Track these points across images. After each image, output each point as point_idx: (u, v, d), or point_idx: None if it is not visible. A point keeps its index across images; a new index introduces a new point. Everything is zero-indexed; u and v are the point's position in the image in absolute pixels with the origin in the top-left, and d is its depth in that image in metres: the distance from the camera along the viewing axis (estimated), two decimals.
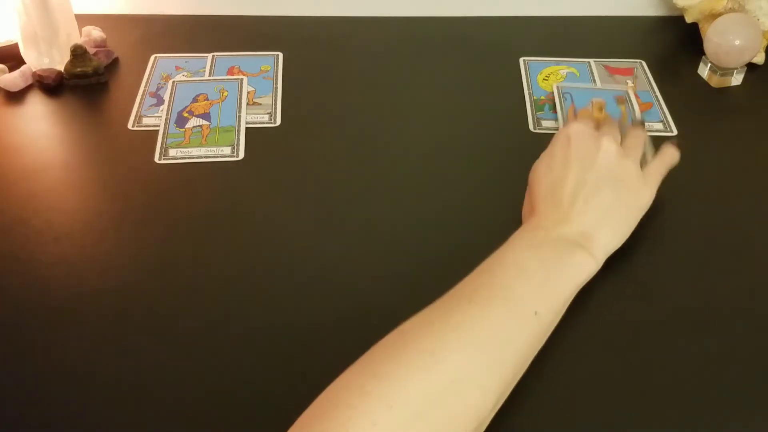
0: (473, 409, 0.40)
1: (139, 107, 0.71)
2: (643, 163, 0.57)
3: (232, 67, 0.76)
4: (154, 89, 0.73)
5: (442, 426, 0.39)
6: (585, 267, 0.49)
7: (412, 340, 0.41)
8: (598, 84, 0.75)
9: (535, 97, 0.73)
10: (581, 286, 0.49)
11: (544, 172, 0.55)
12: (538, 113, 0.71)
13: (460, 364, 0.40)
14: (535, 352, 0.45)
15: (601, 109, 0.68)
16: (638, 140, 0.58)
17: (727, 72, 0.74)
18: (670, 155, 0.59)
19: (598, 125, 0.59)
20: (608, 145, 0.54)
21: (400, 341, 0.42)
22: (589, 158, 0.54)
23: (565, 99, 0.72)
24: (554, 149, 0.56)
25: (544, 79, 0.75)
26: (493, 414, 0.42)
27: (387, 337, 0.42)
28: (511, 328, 0.43)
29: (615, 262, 0.56)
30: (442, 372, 0.40)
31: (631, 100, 0.72)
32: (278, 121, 0.70)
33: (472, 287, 0.46)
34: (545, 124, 0.70)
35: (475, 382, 0.41)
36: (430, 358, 0.40)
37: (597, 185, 0.52)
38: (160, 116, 0.69)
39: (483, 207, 0.61)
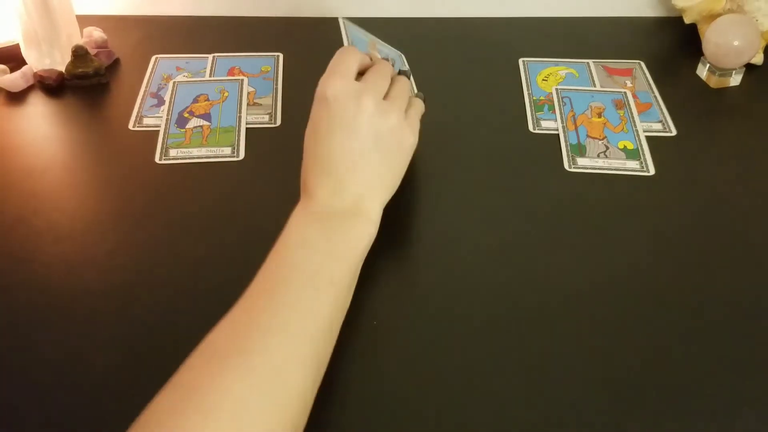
0: (296, 391, 0.41)
1: (139, 108, 0.71)
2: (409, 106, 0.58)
3: (233, 68, 0.77)
4: (154, 90, 0.74)
5: (268, 417, 0.39)
6: (365, 232, 0.51)
7: (218, 344, 0.41)
8: (597, 85, 0.75)
9: (534, 98, 0.73)
10: (368, 248, 0.52)
11: (311, 142, 0.54)
12: (537, 113, 0.71)
13: (270, 353, 0.41)
14: (340, 319, 0.47)
15: (599, 114, 0.68)
16: (402, 89, 0.59)
17: (725, 73, 0.75)
18: (420, 104, 0.61)
19: (361, 73, 0.58)
20: (368, 103, 0.53)
21: (208, 351, 0.41)
22: (351, 123, 0.53)
23: (564, 104, 0.72)
24: (316, 115, 0.54)
25: (543, 79, 0.76)
26: (314, 391, 0.43)
27: (195, 351, 0.41)
28: (313, 301, 0.45)
29: (615, 261, 0.56)
30: (255, 367, 0.40)
31: (629, 103, 0.72)
32: (278, 122, 0.70)
33: (266, 276, 0.46)
34: (545, 124, 0.70)
35: (291, 364, 0.41)
36: (239, 357, 0.40)
37: (362, 151, 0.53)
38: (161, 116, 0.70)
39: (482, 206, 0.61)
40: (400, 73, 0.63)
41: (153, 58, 0.78)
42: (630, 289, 0.54)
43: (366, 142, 0.53)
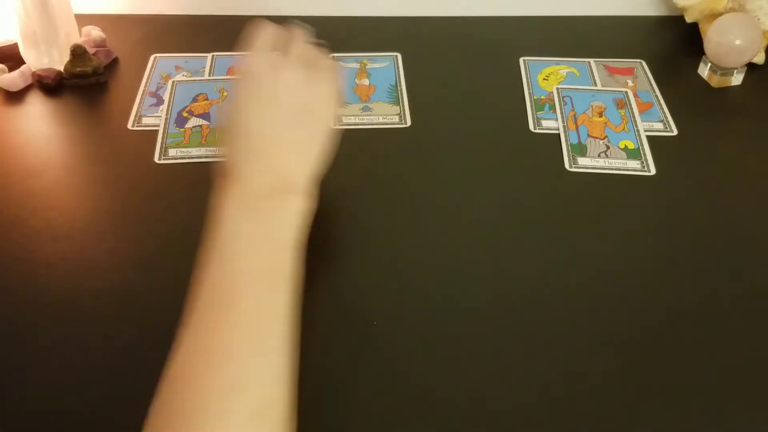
0: (280, 404, 0.40)
1: (138, 107, 0.71)
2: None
3: (232, 67, 0.76)
4: (153, 89, 0.73)
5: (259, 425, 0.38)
6: (297, 208, 0.48)
7: (198, 383, 0.39)
8: (599, 84, 0.75)
9: (535, 97, 0.73)
10: (306, 223, 0.49)
11: (231, 119, 0.51)
12: (538, 113, 0.71)
13: (238, 372, 0.40)
14: (297, 303, 0.45)
15: (600, 113, 0.68)
16: (302, 47, 0.56)
17: (727, 72, 0.74)
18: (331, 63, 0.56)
19: (280, 46, 0.55)
20: (286, 76, 0.52)
21: (176, 385, 0.40)
22: (269, 99, 0.51)
23: (565, 103, 0.71)
24: (235, 92, 0.52)
25: (544, 79, 0.75)
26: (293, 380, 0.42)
27: (163, 394, 0.40)
28: (272, 303, 0.43)
29: (616, 261, 0.56)
30: (243, 403, 0.39)
31: (630, 102, 0.72)
32: None
33: (212, 289, 0.43)
34: (545, 123, 0.70)
35: (274, 383, 0.40)
36: (226, 394, 0.39)
37: (280, 122, 0.50)
38: (160, 116, 0.69)
39: (482, 206, 0.61)
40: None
41: (152, 57, 0.78)
42: (630, 289, 0.54)
43: (285, 117, 0.51)
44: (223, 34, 0.82)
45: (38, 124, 0.69)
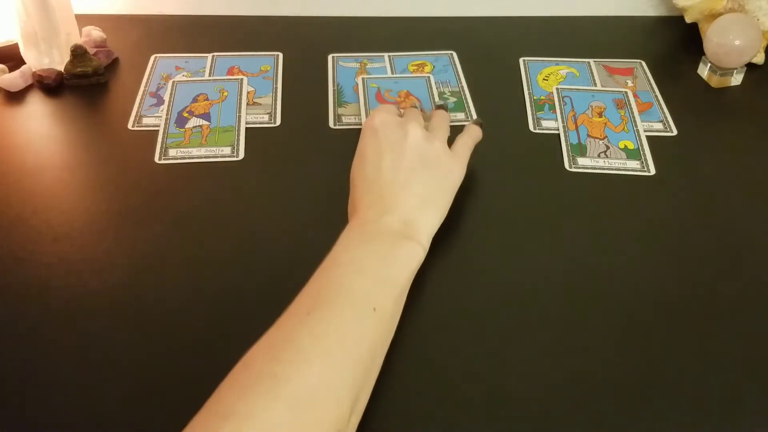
0: (330, 419, 0.39)
1: (139, 107, 0.71)
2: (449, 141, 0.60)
3: (232, 67, 0.76)
4: (154, 89, 0.73)
5: None
6: (414, 255, 0.50)
7: (254, 368, 0.40)
8: (598, 84, 0.75)
9: (535, 97, 0.73)
10: (414, 273, 0.50)
11: (359, 168, 0.55)
12: (538, 113, 0.71)
13: (307, 380, 0.39)
14: (383, 347, 0.46)
15: (600, 113, 0.68)
16: (442, 121, 0.61)
17: (726, 72, 0.74)
18: (476, 132, 0.62)
19: (400, 113, 0.61)
20: (414, 130, 0.56)
21: (243, 373, 0.40)
22: (399, 145, 0.55)
23: (565, 103, 0.72)
24: (364, 144, 0.56)
25: (544, 79, 0.76)
26: (355, 418, 0.42)
27: (231, 372, 0.40)
28: (354, 328, 0.43)
29: (615, 261, 0.56)
30: (287, 393, 0.38)
31: (630, 102, 0.72)
32: (278, 121, 0.70)
33: (310, 295, 0.45)
34: (545, 124, 0.70)
35: (326, 392, 0.39)
36: (273, 382, 0.39)
37: (411, 171, 0.53)
38: (160, 116, 0.69)
39: (482, 206, 0.61)
40: (439, 107, 0.64)
41: (152, 58, 0.78)
42: (630, 289, 0.54)
43: (415, 164, 0.54)
44: (223, 34, 0.82)
45: (39, 124, 0.69)
